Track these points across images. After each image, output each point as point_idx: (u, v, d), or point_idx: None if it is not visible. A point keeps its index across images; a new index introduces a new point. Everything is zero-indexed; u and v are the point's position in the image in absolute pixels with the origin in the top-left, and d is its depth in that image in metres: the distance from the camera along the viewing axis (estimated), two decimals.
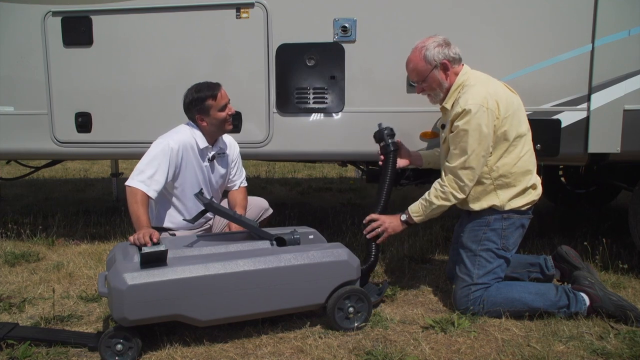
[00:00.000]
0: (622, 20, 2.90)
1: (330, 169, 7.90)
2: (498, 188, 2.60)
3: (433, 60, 2.60)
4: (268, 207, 3.31)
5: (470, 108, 2.48)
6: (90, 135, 3.48)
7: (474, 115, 2.47)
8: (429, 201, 2.63)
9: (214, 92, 2.86)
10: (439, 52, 2.60)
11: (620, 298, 2.55)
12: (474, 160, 2.52)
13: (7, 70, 3.49)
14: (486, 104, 2.49)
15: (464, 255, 2.67)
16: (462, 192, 2.58)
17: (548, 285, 2.66)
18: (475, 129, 2.48)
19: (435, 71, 2.62)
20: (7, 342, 2.28)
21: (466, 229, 2.69)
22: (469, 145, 2.50)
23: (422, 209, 2.65)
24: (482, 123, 2.48)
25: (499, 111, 2.52)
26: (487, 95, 2.51)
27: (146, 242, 2.33)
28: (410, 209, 2.68)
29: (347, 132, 3.25)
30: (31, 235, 3.96)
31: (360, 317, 2.49)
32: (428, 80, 2.65)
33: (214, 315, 2.29)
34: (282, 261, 2.37)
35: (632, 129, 2.95)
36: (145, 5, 3.32)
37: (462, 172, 2.54)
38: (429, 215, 2.65)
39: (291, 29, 3.22)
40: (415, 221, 2.68)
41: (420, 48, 2.64)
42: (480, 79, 2.63)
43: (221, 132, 2.98)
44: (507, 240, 2.64)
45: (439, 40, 2.64)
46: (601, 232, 3.86)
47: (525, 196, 2.63)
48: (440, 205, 2.61)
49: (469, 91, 2.55)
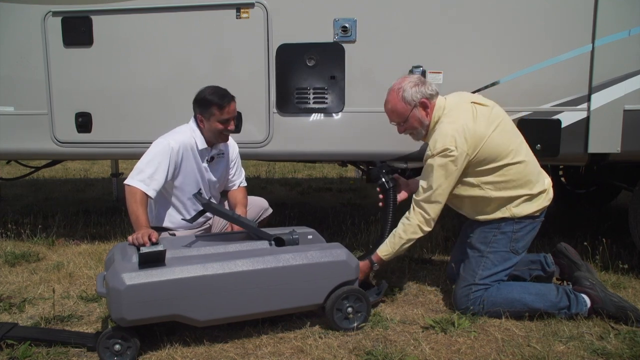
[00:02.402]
0: (622, 20, 2.90)
1: (330, 169, 7.90)
2: (500, 204, 2.61)
3: (412, 101, 2.64)
4: (268, 206, 3.32)
5: (437, 151, 2.52)
6: (90, 135, 3.49)
7: (441, 156, 2.52)
8: (397, 237, 2.65)
9: (223, 103, 2.83)
10: (416, 91, 2.63)
11: (621, 299, 2.54)
12: (440, 195, 2.57)
13: (7, 70, 3.49)
14: (454, 143, 2.50)
15: (471, 255, 2.67)
16: (428, 225, 2.62)
17: (549, 285, 2.65)
18: (442, 166, 2.53)
19: (415, 110, 2.65)
20: (7, 342, 2.28)
21: (477, 230, 2.69)
22: (434, 180, 2.55)
23: (390, 246, 2.67)
24: (449, 161, 2.52)
25: (468, 146, 2.52)
26: (455, 134, 2.52)
27: (144, 242, 2.33)
28: (379, 250, 2.70)
29: (347, 132, 3.25)
30: (31, 235, 3.96)
31: (359, 317, 2.49)
32: (409, 120, 2.68)
33: (212, 315, 2.29)
34: (281, 261, 2.36)
35: (632, 129, 2.95)
36: (146, 5, 3.32)
37: (428, 205, 2.59)
38: (397, 251, 2.67)
39: (291, 29, 3.22)
40: (384, 259, 2.69)
41: (397, 90, 2.67)
42: (451, 114, 2.62)
43: (215, 140, 2.95)
44: (517, 244, 2.64)
45: (414, 79, 2.68)
46: (601, 232, 3.86)
47: (536, 202, 2.63)
48: (409, 239, 2.63)
49: (437, 131, 2.59)
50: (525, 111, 3.06)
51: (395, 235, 2.66)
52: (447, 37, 3.09)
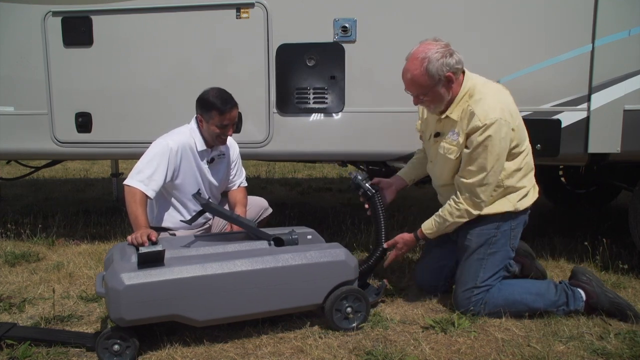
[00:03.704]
0: (622, 20, 2.90)
1: (330, 169, 7.89)
2: (508, 192, 2.57)
3: (437, 75, 2.39)
4: (268, 206, 3.32)
5: (491, 122, 2.35)
6: (90, 135, 3.49)
7: (495, 130, 2.36)
8: (443, 218, 2.57)
9: (224, 108, 2.81)
10: (442, 64, 2.38)
11: (617, 296, 2.55)
12: (492, 177, 2.44)
13: (7, 70, 3.49)
14: (504, 116, 2.38)
15: (471, 258, 2.61)
16: (478, 209, 2.51)
17: (547, 283, 2.66)
18: (496, 144, 2.38)
19: (439, 86, 2.43)
20: (7, 342, 2.28)
21: (473, 232, 2.60)
22: (488, 162, 2.39)
23: (435, 225, 2.60)
24: (502, 137, 2.38)
25: (513, 120, 2.44)
26: (502, 107, 2.40)
27: (143, 242, 2.33)
28: (423, 226, 2.64)
29: (347, 132, 3.25)
30: (31, 235, 3.96)
31: (359, 317, 2.48)
32: (430, 94, 2.46)
33: (211, 315, 2.28)
34: (280, 261, 2.36)
35: (632, 129, 2.95)
36: (146, 5, 3.32)
37: (480, 189, 2.45)
38: (442, 231, 2.61)
39: (291, 29, 3.22)
40: (427, 237, 2.65)
41: (422, 60, 2.39)
42: (488, 88, 2.51)
43: (213, 142, 2.94)
44: (514, 240, 2.64)
45: (442, 49, 2.40)
46: (601, 232, 3.85)
47: (530, 195, 2.63)
48: (455, 222, 2.55)
49: (485, 103, 2.41)
50: (525, 111, 3.05)
51: (441, 216, 2.57)
52: (447, 36, 3.08)
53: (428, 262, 2.89)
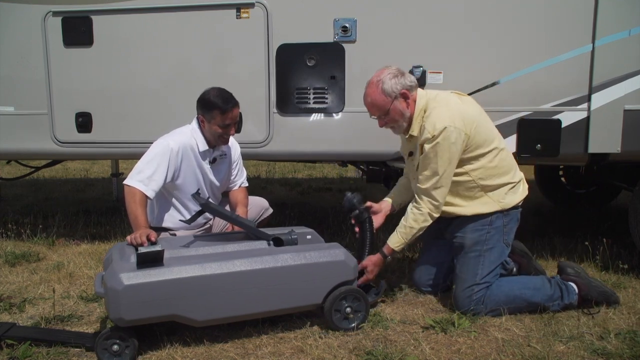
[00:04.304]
0: (622, 20, 2.90)
1: (330, 169, 7.90)
2: (488, 191, 2.63)
3: (392, 92, 2.57)
4: (268, 206, 3.32)
5: (438, 131, 2.49)
6: (90, 135, 3.49)
7: (444, 137, 2.49)
8: (409, 227, 2.64)
9: (225, 108, 2.80)
10: (396, 83, 2.57)
11: (600, 283, 2.67)
12: (444, 180, 2.56)
13: (7, 70, 3.49)
14: (454, 123, 2.50)
15: (468, 256, 2.66)
16: (437, 211, 2.62)
17: (541, 278, 2.71)
18: (446, 149, 2.51)
19: (396, 102, 2.59)
20: (7, 342, 2.28)
21: (467, 229, 2.67)
22: (439, 166, 2.53)
23: (402, 237, 2.66)
24: (452, 143, 2.50)
25: (465, 126, 2.52)
26: (451, 114, 2.53)
27: (143, 242, 2.33)
28: (390, 242, 2.68)
29: (347, 132, 3.25)
30: (31, 235, 3.96)
31: (358, 317, 2.48)
32: (390, 112, 2.61)
33: (210, 315, 2.28)
34: (279, 261, 2.36)
35: (632, 129, 2.95)
36: (146, 5, 3.32)
37: (435, 192, 2.58)
38: (410, 240, 2.67)
39: (291, 29, 3.22)
40: (396, 250, 2.68)
41: (376, 82, 2.59)
42: (439, 99, 2.62)
43: (215, 142, 2.94)
44: (508, 236, 2.68)
45: (394, 71, 2.61)
46: (601, 232, 3.85)
47: (517, 191, 2.68)
48: (421, 228, 2.64)
49: (433, 114, 2.55)
50: (525, 111, 3.06)
51: (405, 225, 2.65)
52: (447, 37, 3.09)
53: (426, 260, 2.93)
